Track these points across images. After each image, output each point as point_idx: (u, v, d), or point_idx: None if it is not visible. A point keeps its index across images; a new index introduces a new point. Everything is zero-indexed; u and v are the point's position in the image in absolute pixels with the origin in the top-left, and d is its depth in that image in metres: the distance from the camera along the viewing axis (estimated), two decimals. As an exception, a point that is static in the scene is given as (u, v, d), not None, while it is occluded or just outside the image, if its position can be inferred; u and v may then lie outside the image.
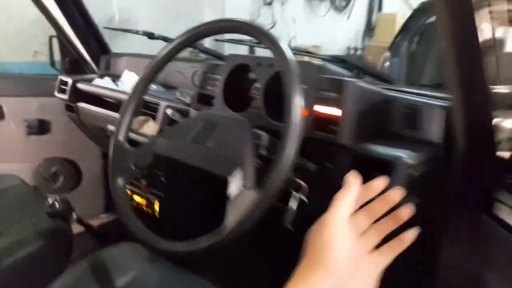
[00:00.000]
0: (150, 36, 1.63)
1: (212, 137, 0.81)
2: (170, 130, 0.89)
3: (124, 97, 1.42)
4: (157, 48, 0.97)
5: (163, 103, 1.27)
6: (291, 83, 0.71)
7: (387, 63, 2.88)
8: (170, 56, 0.93)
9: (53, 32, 1.95)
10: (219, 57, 1.41)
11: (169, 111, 1.01)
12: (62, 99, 1.73)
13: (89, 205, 2.18)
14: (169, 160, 0.86)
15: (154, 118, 1.28)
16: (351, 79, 0.86)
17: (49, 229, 1.14)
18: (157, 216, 1.23)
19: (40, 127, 1.94)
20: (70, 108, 1.77)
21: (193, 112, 1.16)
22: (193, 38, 0.89)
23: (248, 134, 0.79)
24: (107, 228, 1.88)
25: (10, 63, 3.73)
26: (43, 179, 2.04)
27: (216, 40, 1.62)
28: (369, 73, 1.16)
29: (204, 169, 0.78)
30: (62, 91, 1.72)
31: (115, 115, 1.49)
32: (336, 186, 0.60)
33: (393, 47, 2.93)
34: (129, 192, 1.36)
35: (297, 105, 0.70)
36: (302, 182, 0.84)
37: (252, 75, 1.05)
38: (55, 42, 1.99)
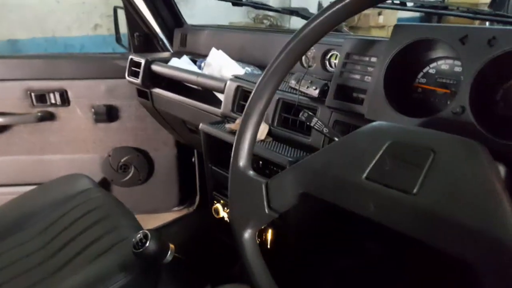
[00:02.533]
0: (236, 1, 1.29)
1: (420, 176, 0.46)
2: (326, 152, 0.56)
3: (215, 84, 1.10)
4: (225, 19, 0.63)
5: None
6: None
7: None
8: (318, 36, 0.58)
9: (117, 2, 1.67)
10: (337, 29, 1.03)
11: (304, 116, 0.68)
12: (134, 83, 1.46)
13: (162, 198, 1.97)
14: (328, 207, 0.53)
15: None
16: None
17: (135, 264, 0.88)
18: (268, 247, 0.93)
19: (109, 114, 1.70)
20: (143, 94, 1.49)
21: (324, 112, 0.82)
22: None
23: (498, 174, 0.44)
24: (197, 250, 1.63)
25: (71, 38, 3.57)
26: (113, 170, 1.83)
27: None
28: None
29: (417, 239, 0.44)
30: (134, 74, 1.44)
31: (200, 105, 1.19)
32: None
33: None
34: (221, 208, 1.07)
35: None
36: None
37: (427, 56, 0.69)
38: (120, 14, 1.71)
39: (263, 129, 0.91)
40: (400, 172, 0.48)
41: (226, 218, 1.05)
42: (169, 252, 0.79)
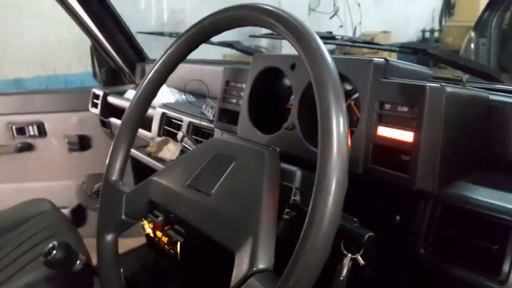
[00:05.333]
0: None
1: (220, 180, 0.54)
2: (172, 166, 0.65)
3: (150, 112, 1.20)
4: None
5: (186, 119, 1.03)
6: (325, 94, 0.42)
7: (471, 45, 2.40)
8: (176, 60, 0.68)
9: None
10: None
11: (179, 136, 0.77)
12: (95, 114, 1.59)
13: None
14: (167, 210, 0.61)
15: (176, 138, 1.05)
16: (434, 84, 0.53)
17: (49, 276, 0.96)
18: (179, 259, 1.00)
19: (81, 143, 1.83)
20: (104, 123, 1.62)
21: (218, 133, 0.91)
22: (203, 32, 0.61)
23: (273, 175, 0.51)
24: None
25: (71, 75, 3.81)
26: (87, 196, 1.94)
27: (252, 36, 1.33)
28: (458, 65, 0.81)
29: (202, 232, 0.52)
30: (95, 105, 1.58)
31: (140, 131, 1.30)
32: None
33: (479, 26, 2.43)
34: (147, 224, 1.15)
35: (335, 128, 0.40)
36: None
37: (287, 82, 0.77)
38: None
39: (175, 150, 1.00)
40: (210, 178, 0.56)
41: (152, 234, 1.13)
42: (78, 262, 0.87)
